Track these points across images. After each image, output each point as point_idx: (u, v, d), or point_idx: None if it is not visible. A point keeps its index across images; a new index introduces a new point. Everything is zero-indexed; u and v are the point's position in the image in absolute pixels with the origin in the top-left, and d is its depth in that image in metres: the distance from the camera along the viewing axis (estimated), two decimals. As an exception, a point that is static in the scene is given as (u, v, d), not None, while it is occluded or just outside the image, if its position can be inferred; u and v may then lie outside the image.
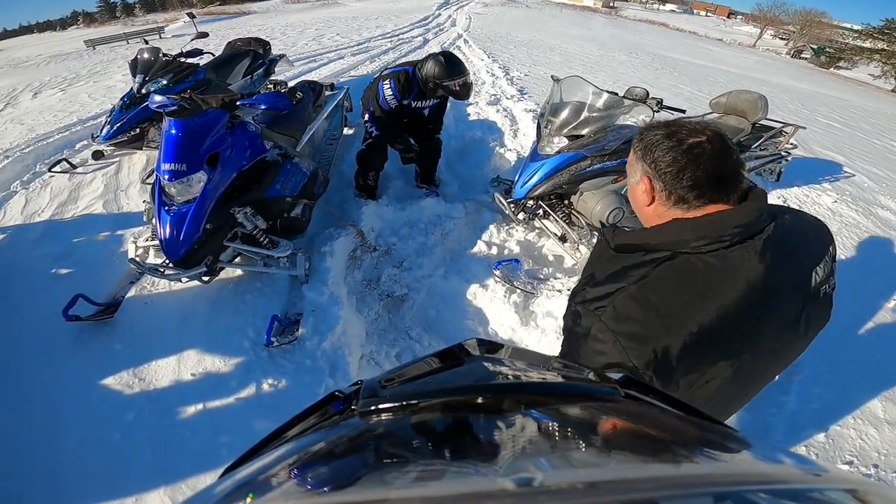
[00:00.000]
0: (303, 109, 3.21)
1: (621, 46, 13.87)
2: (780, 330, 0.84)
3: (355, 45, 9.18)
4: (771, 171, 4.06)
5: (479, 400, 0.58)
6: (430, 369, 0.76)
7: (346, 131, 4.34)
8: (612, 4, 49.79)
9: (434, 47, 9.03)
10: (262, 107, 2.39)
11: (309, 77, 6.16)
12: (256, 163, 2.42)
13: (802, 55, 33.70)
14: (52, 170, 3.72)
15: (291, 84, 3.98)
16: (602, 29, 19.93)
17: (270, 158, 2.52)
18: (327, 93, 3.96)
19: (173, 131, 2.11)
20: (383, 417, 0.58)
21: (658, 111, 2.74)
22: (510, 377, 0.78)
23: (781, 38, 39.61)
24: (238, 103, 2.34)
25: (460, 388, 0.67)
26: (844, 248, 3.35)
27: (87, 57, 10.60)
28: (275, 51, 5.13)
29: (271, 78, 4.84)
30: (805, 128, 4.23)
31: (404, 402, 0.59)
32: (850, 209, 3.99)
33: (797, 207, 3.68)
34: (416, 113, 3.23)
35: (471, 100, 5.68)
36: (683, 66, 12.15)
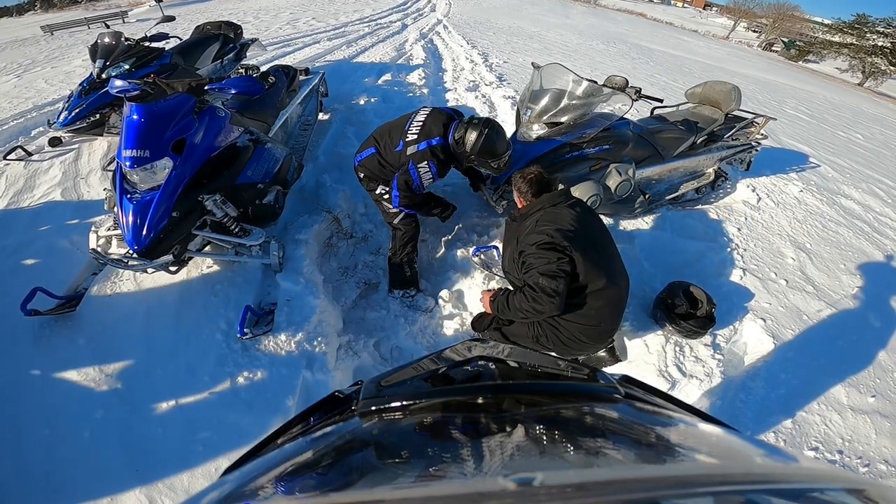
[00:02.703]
0: (275, 94, 3.11)
1: (600, 35, 13.94)
2: (597, 230, 1.94)
3: (332, 30, 8.92)
4: (741, 161, 4.17)
5: (480, 400, 0.59)
6: (430, 370, 0.75)
7: (322, 116, 4.24)
8: (591, -7, 49.92)
9: (413, 33, 8.87)
10: (232, 91, 2.29)
11: (283, 62, 5.97)
12: (226, 149, 2.33)
13: (773, 48, 34.59)
14: (7, 157, 3.51)
15: (264, 69, 3.83)
16: (581, 18, 19.97)
17: (241, 144, 2.43)
18: (302, 77, 3.84)
19: (135, 117, 2.00)
20: (383, 418, 0.58)
21: (637, 99, 2.77)
22: (509, 377, 0.78)
23: (754, 31, 40.55)
24: (206, 87, 2.23)
25: (460, 389, 0.68)
26: (809, 236, 3.47)
27: (45, 42, 9.97)
28: (247, 35, 4.95)
29: (242, 63, 4.67)
30: (776, 119, 4.36)
31: (404, 403, 0.60)
32: (815, 198, 4.14)
33: (766, 196, 3.85)
34: None
35: (449, 85, 5.63)
36: (660, 55, 12.31)
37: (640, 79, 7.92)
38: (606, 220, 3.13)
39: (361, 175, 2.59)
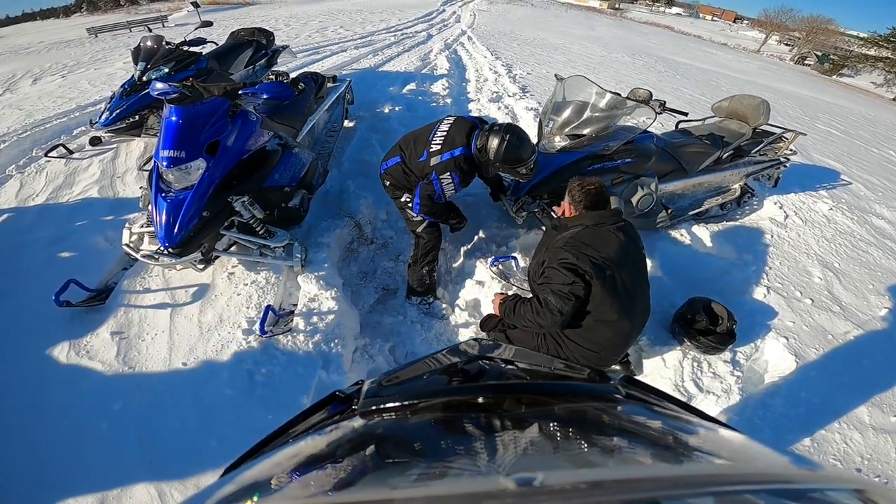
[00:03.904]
0: (304, 100, 3.20)
1: (625, 48, 13.84)
2: (632, 261, 1.85)
3: (359, 39, 9.14)
4: (769, 177, 4.08)
5: (480, 399, 0.59)
6: (431, 369, 0.76)
7: (347, 124, 4.34)
8: (617, 6, 49.62)
9: (437, 43, 9.00)
10: (265, 96, 2.38)
11: (311, 69, 6.14)
12: (256, 152, 2.41)
13: (806, 61, 33.68)
14: (49, 155, 3.71)
15: (293, 75, 3.96)
16: (606, 30, 19.87)
17: (270, 148, 2.51)
18: (329, 85, 3.94)
19: (173, 118, 2.10)
20: (384, 417, 0.59)
21: (661, 112, 2.74)
22: (510, 377, 0.79)
23: (786, 44, 39.52)
24: (240, 92, 2.33)
25: (461, 388, 0.68)
26: (837, 256, 3.36)
27: (89, 44, 10.50)
28: (278, 42, 5.11)
29: (273, 69, 4.82)
30: (805, 134, 4.24)
31: (405, 402, 0.60)
32: (845, 217, 4.00)
33: (794, 213, 3.74)
34: None
35: (473, 96, 5.68)
36: (687, 69, 12.13)
37: (665, 92, 7.83)
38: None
39: (387, 183, 2.63)
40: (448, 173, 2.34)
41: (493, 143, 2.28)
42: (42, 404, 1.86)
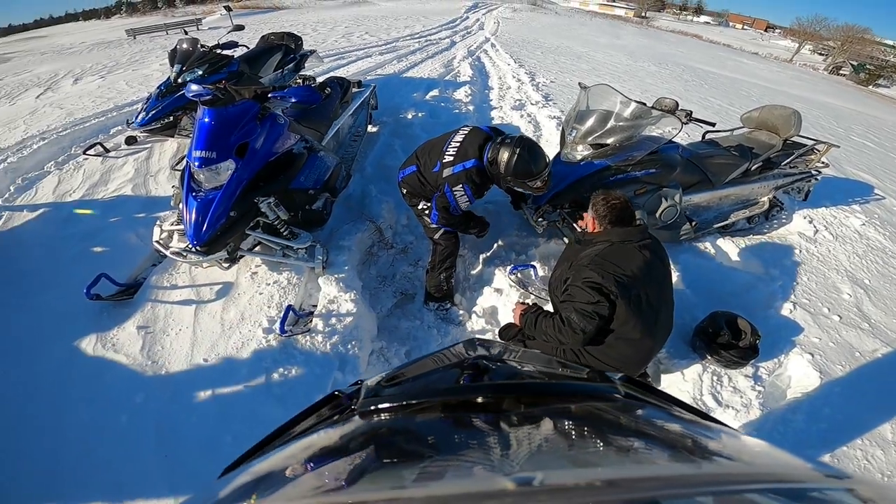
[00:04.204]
0: (330, 105, 3.27)
1: (651, 57, 13.66)
2: (657, 279, 1.82)
3: (383, 45, 9.28)
4: (799, 190, 3.94)
5: (479, 399, 0.59)
6: (430, 369, 0.76)
7: (371, 128, 4.40)
8: (643, 14, 49.04)
9: (461, 50, 9.06)
10: (293, 100, 2.44)
11: (337, 74, 6.27)
12: (283, 154, 2.47)
13: (841, 71, 32.56)
14: (87, 153, 3.87)
15: (320, 80, 4.05)
16: (632, 38, 19.64)
17: (296, 151, 2.58)
18: (354, 90, 4.01)
19: (206, 119, 2.17)
20: (383, 417, 0.60)
21: (687, 123, 2.70)
22: (510, 377, 0.79)
23: (820, 54, 38.31)
24: (270, 95, 2.39)
25: (460, 388, 0.69)
26: (868, 272, 3.23)
27: (128, 46, 10.98)
28: (306, 46, 5.24)
29: (300, 73, 4.94)
30: (838, 146, 4.09)
31: (404, 402, 0.61)
32: (877, 233, 3.84)
33: (824, 228, 3.61)
34: None
35: (495, 104, 5.70)
36: (715, 78, 11.88)
37: (692, 102, 7.68)
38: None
39: (404, 191, 2.65)
40: (460, 185, 2.33)
41: (504, 156, 2.24)
42: (67, 395, 1.93)
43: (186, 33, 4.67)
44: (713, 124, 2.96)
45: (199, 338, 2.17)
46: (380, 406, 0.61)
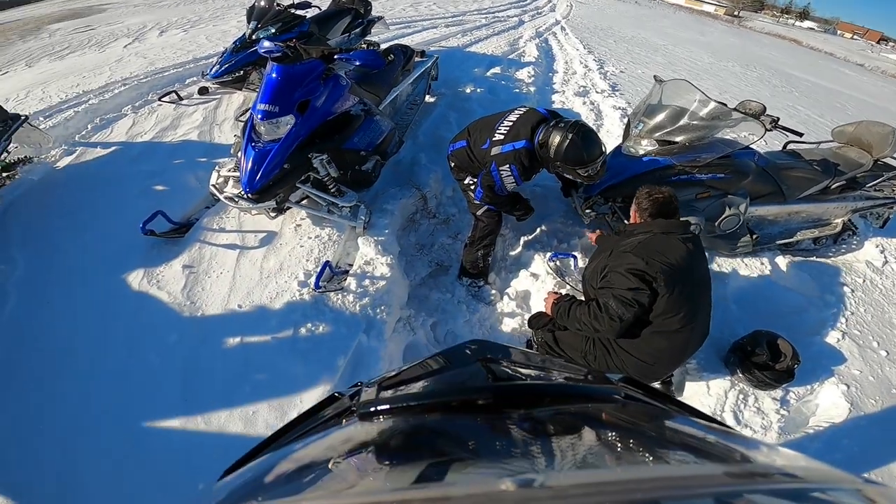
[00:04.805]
0: (391, 71, 3.28)
1: (737, 57, 12.55)
2: (699, 276, 1.77)
3: (450, 17, 9.12)
4: (878, 216, 3.53)
5: (479, 401, 0.59)
6: (431, 370, 0.76)
7: (429, 98, 4.39)
8: (736, 13, 44.95)
9: (528, 30, 8.75)
10: (357, 63, 2.48)
11: (402, 42, 6.26)
12: (340, 114, 2.52)
13: (963, 96, 28.48)
14: (162, 99, 4.14)
15: (384, 47, 4.06)
16: (719, 36, 18.11)
17: (354, 112, 2.61)
18: (417, 59, 4.00)
19: (274, 75, 2.25)
20: (383, 419, 0.59)
21: (771, 129, 2.47)
22: (510, 379, 0.78)
23: (941, 73, 33.69)
24: (336, 57, 2.43)
25: (460, 390, 0.68)
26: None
27: (212, 1, 11.50)
28: (374, 13, 5.25)
29: (367, 38, 4.98)
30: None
31: (404, 404, 0.61)
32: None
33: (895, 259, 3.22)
34: None
35: (558, 87, 5.49)
36: (808, 86, 10.77)
37: (778, 109, 7.02)
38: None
39: (452, 164, 2.64)
40: (507, 165, 2.26)
41: (556, 139, 2.15)
42: (107, 329, 2.00)
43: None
44: (801, 134, 2.70)
45: (237, 283, 2.24)
46: (380, 407, 0.61)
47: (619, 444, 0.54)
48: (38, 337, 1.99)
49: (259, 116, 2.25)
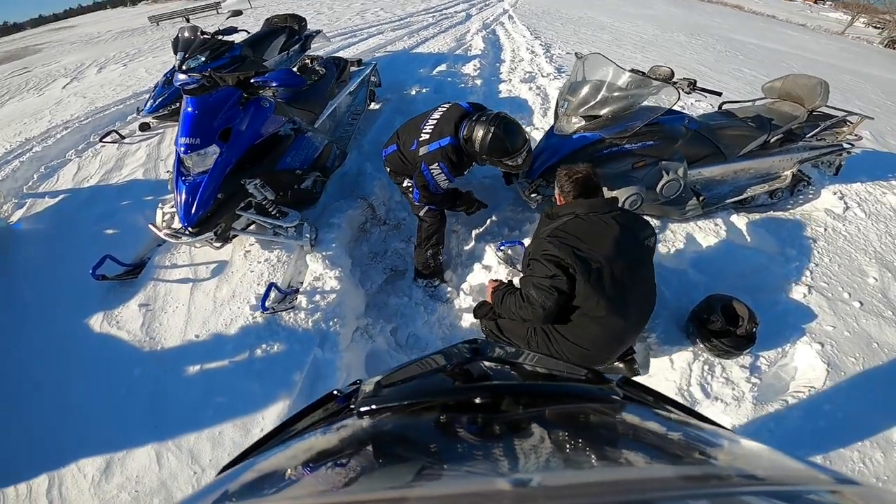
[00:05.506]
0: (325, 85, 3.26)
1: (683, 27, 12.80)
2: (628, 253, 1.70)
3: (397, 21, 9.10)
4: (829, 164, 3.64)
5: (478, 400, 0.59)
6: (429, 369, 0.76)
7: (373, 106, 4.37)
8: (681, -20, 45.82)
9: (476, 23, 8.78)
10: (274, 84, 2.45)
11: (347, 52, 6.22)
12: (269, 137, 2.49)
13: (897, 45, 29.51)
14: (103, 140, 4.04)
15: (308, 61, 4.03)
16: (664, 8, 18.40)
17: (283, 133, 2.59)
18: (353, 69, 3.97)
19: (189, 108, 2.24)
20: (382, 417, 0.59)
21: (689, 92, 2.52)
22: (509, 378, 0.78)
23: (875, 27, 34.80)
24: (252, 80, 2.41)
25: (459, 389, 0.69)
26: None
27: (150, 33, 11.24)
28: (320, 25, 5.21)
29: (307, 53, 4.92)
30: (872, 118, 3.73)
31: (402, 402, 0.61)
32: (918, 212, 3.52)
33: (856, 205, 3.33)
34: None
35: (504, 77, 5.52)
36: (752, 49, 11.03)
37: (722, 73, 7.17)
38: (654, 222, 2.90)
39: (388, 169, 2.66)
40: (436, 163, 2.28)
41: (479, 133, 2.19)
42: (72, 369, 2.06)
43: (188, 21, 4.73)
44: (720, 94, 2.76)
45: (192, 315, 2.26)
46: (377, 406, 0.61)
47: (617, 445, 0.55)
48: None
49: (182, 150, 2.23)
